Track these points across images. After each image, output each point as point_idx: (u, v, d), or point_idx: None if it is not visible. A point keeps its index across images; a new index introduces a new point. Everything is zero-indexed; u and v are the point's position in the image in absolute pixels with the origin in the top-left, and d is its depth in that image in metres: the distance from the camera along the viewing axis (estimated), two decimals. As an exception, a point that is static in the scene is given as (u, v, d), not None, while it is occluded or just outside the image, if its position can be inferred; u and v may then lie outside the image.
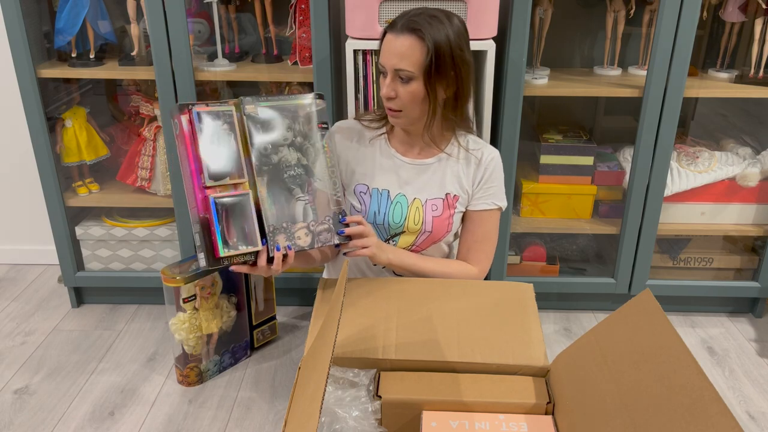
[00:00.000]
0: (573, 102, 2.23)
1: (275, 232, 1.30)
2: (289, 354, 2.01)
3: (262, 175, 1.30)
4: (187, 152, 1.25)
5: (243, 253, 1.26)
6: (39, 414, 1.74)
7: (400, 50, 1.30)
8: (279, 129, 1.32)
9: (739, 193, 2.06)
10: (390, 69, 1.33)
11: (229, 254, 1.25)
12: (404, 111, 1.36)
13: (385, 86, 1.34)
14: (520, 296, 1.36)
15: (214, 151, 1.25)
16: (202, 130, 1.25)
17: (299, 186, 1.33)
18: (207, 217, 1.24)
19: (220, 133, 1.27)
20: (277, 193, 1.31)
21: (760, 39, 1.94)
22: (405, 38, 1.30)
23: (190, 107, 1.25)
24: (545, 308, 2.23)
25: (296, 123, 1.34)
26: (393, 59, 1.32)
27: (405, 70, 1.31)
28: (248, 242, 1.27)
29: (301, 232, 1.32)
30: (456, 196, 1.48)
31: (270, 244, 1.29)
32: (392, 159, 1.49)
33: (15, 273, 2.50)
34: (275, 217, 1.30)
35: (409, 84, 1.33)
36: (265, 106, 1.32)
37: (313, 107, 1.36)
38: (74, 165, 2.08)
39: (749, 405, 1.80)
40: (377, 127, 1.51)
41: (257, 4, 1.97)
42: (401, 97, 1.34)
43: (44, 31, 1.97)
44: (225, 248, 1.24)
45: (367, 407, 1.08)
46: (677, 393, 0.85)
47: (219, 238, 1.24)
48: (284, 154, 1.32)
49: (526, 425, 1.07)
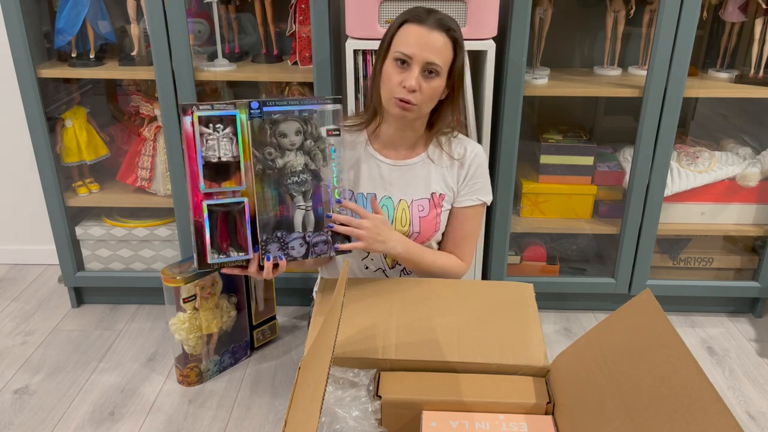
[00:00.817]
0: (573, 102, 2.23)
1: (268, 241, 1.29)
2: (289, 354, 2.01)
3: (264, 180, 1.28)
4: (188, 155, 1.24)
5: (233, 260, 1.27)
6: (39, 414, 1.74)
7: (436, 45, 1.31)
8: (288, 132, 1.29)
9: (739, 193, 2.06)
10: (420, 61, 1.30)
11: (218, 261, 1.26)
12: (420, 105, 1.35)
13: (413, 77, 1.30)
14: (520, 296, 1.36)
15: (213, 155, 1.24)
16: (203, 132, 1.23)
17: (302, 194, 1.31)
18: (200, 221, 1.24)
19: (222, 137, 1.25)
20: (277, 200, 1.29)
21: (760, 39, 1.94)
22: (440, 35, 1.31)
23: (194, 109, 1.23)
24: (545, 308, 2.23)
25: (308, 126, 1.30)
26: (426, 52, 1.30)
27: (437, 65, 1.31)
28: (239, 250, 1.27)
29: (295, 243, 1.31)
30: (442, 195, 1.48)
31: (261, 253, 1.29)
32: (375, 162, 1.47)
33: (15, 273, 2.50)
34: (270, 226, 1.29)
35: (432, 80, 1.33)
36: (276, 109, 1.29)
37: (327, 112, 1.32)
38: (74, 165, 2.09)
39: (749, 405, 1.80)
40: (358, 130, 1.49)
41: (257, 4, 1.97)
42: (423, 91, 1.33)
43: (44, 31, 1.97)
44: (214, 254, 1.25)
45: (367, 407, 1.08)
46: (677, 393, 0.85)
47: (209, 244, 1.25)
48: (290, 159, 1.29)
49: (526, 425, 1.07)
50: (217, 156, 1.24)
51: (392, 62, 1.33)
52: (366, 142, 1.48)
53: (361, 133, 1.49)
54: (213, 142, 1.24)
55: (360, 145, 1.48)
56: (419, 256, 1.44)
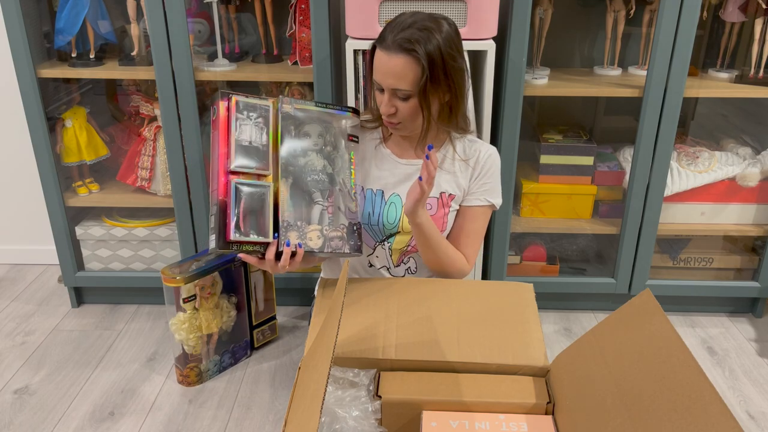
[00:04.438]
0: (573, 102, 2.22)
1: (288, 228, 1.31)
2: (289, 354, 2.01)
3: (287, 175, 1.32)
4: (220, 137, 1.28)
5: (253, 242, 1.27)
6: (39, 414, 1.74)
7: (395, 71, 1.29)
8: (311, 134, 1.36)
9: (739, 193, 2.06)
10: (387, 88, 1.33)
11: (240, 240, 1.25)
12: (404, 123, 1.37)
13: (384, 104, 1.34)
14: (520, 296, 1.36)
15: (244, 139, 1.29)
16: (237, 118, 1.29)
17: (320, 191, 1.36)
18: (225, 201, 1.26)
19: (254, 125, 1.31)
20: (297, 193, 1.33)
21: (760, 39, 1.94)
22: (399, 58, 1.28)
23: (231, 95, 1.30)
24: (545, 308, 2.23)
25: (328, 132, 1.38)
26: (389, 80, 1.31)
27: (402, 89, 1.31)
28: (260, 233, 1.27)
29: (313, 234, 1.33)
30: (452, 195, 1.48)
31: (281, 239, 1.30)
32: (387, 160, 1.48)
33: (15, 273, 2.50)
34: (291, 215, 1.32)
35: (407, 101, 1.33)
36: (303, 109, 1.37)
37: (347, 121, 1.41)
38: (74, 165, 2.09)
39: (749, 405, 1.80)
40: (373, 127, 1.51)
41: (257, 4, 1.97)
42: (401, 111, 1.35)
43: (44, 31, 1.97)
44: (237, 233, 1.25)
45: (367, 407, 1.08)
46: (677, 393, 0.85)
47: (233, 222, 1.25)
48: (311, 159, 1.36)
49: (526, 425, 1.07)
50: (249, 140, 1.30)
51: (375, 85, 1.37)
52: (380, 140, 1.50)
53: (376, 130, 1.51)
54: (246, 127, 1.30)
55: (372, 143, 1.50)
56: (436, 231, 1.41)
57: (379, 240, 1.49)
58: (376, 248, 1.50)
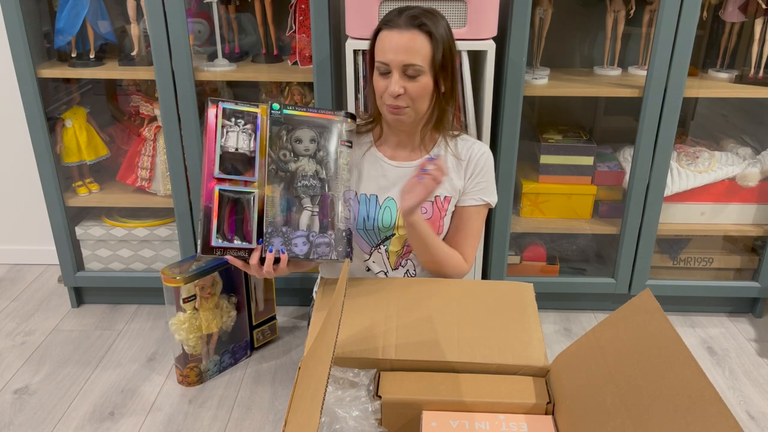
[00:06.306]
0: (573, 102, 2.23)
1: (273, 234, 1.32)
2: (289, 354, 2.01)
3: (276, 181, 1.33)
4: (208, 143, 1.30)
5: (236, 248, 1.30)
6: (39, 414, 1.74)
7: (408, 45, 1.29)
8: (303, 139, 1.37)
9: (739, 193, 2.06)
10: (397, 66, 1.31)
11: (222, 245, 1.29)
12: (411, 106, 1.35)
13: (394, 83, 1.32)
14: (520, 296, 1.36)
15: (231, 146, 1.31)
16: (224, 125, 1.31)
17: (310, 197, 1.36)
18: (210, 207, 1.28)
19: (242, 131, 1.32)
20: (286, 199, 1.33)
21: (760, 39, 1.94)
22: (411, 33, 1.29)
23: (218, 102, 1.31)
24: (545, 308, 2.23)
25: (322, 137, 1.38)
26: (401, 55, 1.30)
27: (416, 65, 1.30)
28: (244, 239, 1.30)
29: (299, 240, 1.34)
30: (447, 198, 1.47)
31: (264, 244, 1.31)
32: (380, 164, 1.47)
33: (15, 273, 2.50)
34: (277, 221, 1.32)
35: (417, 79, 1.32)
36: (295, 115, 1.37)
37: (342, 125, 1.40)
38: (74, 165, 2.09)
39: (749, 405, 1.80)
40: (367, 130, 1.50)
41: (257, 4, 1.97)
42: (410, 92, 1.33)
43: (44, 31, 1.97)
44: (219, 239, 1.28)
45: (367, 407, 1.08)
46: (677, 393, 0.85)
47: (215, 228, 1.28)
48: (303, 164, 1.36)
49: (526, 425, 1.07)
50: (235, 147, 1.31)
51: (377, 73, 1.36)
52: (371, 144, 1.49)
53: (367, 134, 1.50)
54: (233, 134, 1.31)
55: (365, 146, 1.49)
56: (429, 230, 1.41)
57: (374, 244, 1.49)
58: (372, 253, 1.50)
